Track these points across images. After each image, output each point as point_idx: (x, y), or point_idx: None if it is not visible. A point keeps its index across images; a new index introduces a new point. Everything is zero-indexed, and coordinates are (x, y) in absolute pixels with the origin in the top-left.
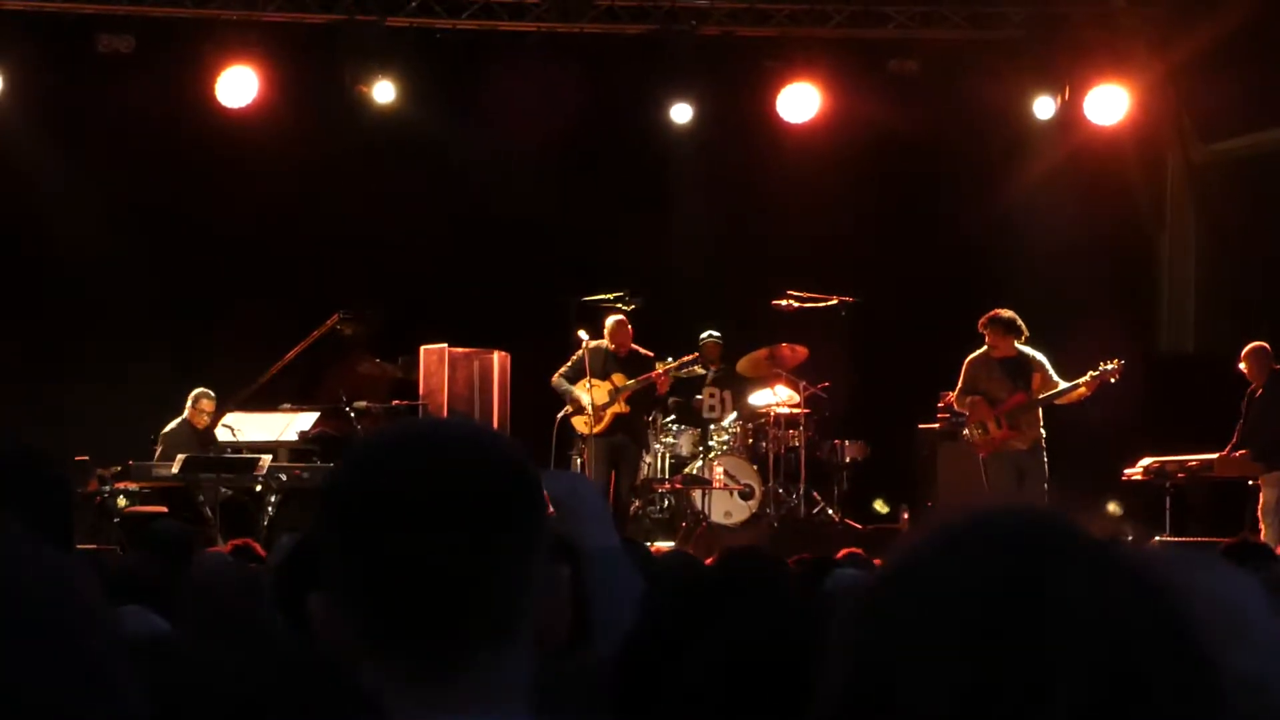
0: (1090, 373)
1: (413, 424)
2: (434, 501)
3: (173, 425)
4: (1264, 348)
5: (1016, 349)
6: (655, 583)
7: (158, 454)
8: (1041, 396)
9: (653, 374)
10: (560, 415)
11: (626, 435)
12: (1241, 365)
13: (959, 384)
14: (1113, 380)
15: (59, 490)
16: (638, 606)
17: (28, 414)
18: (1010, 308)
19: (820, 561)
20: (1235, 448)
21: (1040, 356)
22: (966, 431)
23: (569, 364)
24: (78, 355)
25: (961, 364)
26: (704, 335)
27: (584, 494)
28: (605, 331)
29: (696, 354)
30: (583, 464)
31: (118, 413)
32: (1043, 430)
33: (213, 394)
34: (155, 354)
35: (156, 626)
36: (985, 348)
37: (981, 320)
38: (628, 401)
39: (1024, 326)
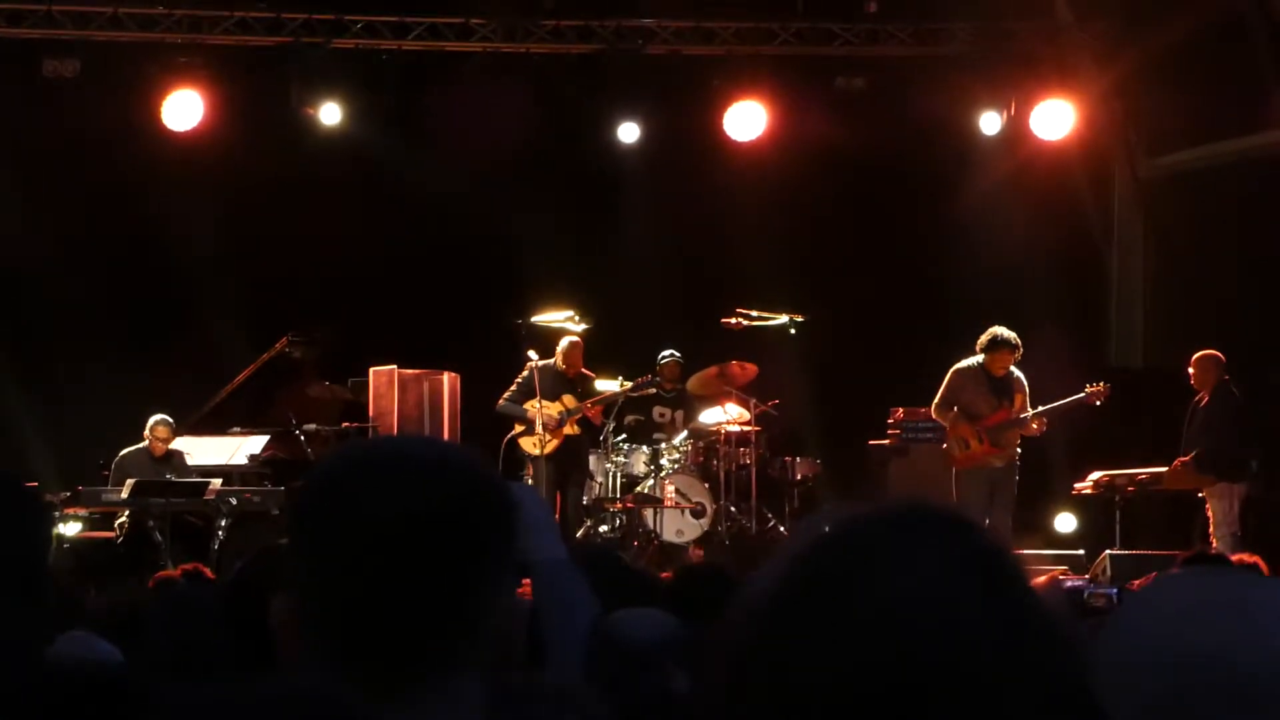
0: (1042, 407)
1: (394, 442)
2: (407, 528)
3: (130, 450)
4: (1215, 356)
5: (1009, 368)
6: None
7: (111, 479)
8: (1021, 418)
9: (608, 394)
10: (508, 437)
11: (573, 459)
12: (1190, 370)
13: (940, 393)
14: (1097, 403)
15: (36, 520)
16: (589, 621)
17: None
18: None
19: None
20: (1182, 457)
21: (1024, 379)
22: (946, 445)
23: (514, 387)
24: (23, 379)
25: (928, 376)
26: (663, 355)
27: (530, 506)
28: (559, 353)
29: (650, 375)
30: (531, 486)
31: (64, 439)
32: (1018, 449)
33: (170, 420)
34: (102, 379)
35: (102, 651)
36: (978, 360)
37: (985, 337)
38: (577, 424)
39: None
